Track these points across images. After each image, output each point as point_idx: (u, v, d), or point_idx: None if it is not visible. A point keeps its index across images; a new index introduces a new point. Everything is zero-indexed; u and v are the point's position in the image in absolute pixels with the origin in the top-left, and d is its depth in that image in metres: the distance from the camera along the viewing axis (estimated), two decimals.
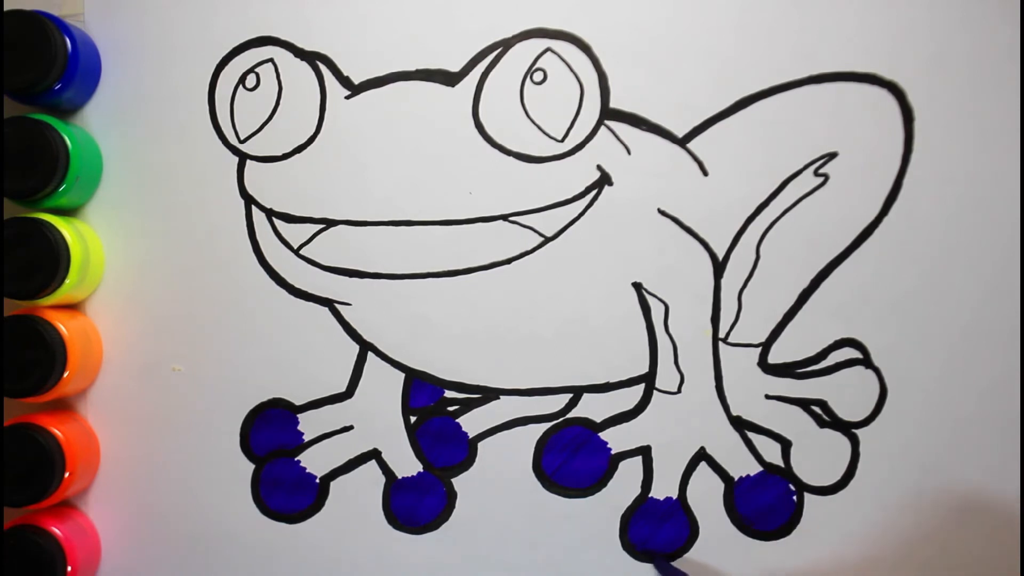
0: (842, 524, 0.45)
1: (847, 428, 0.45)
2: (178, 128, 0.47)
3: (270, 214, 0.47)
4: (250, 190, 0.47)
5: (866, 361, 0.45)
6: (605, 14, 0.44)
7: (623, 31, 0.44)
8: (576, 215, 0.45)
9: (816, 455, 0.45)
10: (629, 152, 0.45)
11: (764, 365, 0.45)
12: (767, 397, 0.45)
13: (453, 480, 0.47)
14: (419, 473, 0.47)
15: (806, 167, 0.44)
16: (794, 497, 0.45)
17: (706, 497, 0.46)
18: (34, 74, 0.44)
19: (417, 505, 0.47)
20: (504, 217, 0.45)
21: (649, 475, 0.46)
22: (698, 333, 0.45)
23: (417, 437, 0.47)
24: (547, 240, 0.45)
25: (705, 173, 0.45)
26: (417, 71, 0.46)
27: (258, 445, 0.48)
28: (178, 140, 0.47)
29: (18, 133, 0.44)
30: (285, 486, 0.47)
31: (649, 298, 0.45)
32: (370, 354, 0.47)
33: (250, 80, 0.46)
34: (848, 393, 0.45)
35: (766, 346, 0.45)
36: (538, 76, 0.45)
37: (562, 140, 0.45)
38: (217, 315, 0.47)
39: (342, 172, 0.46)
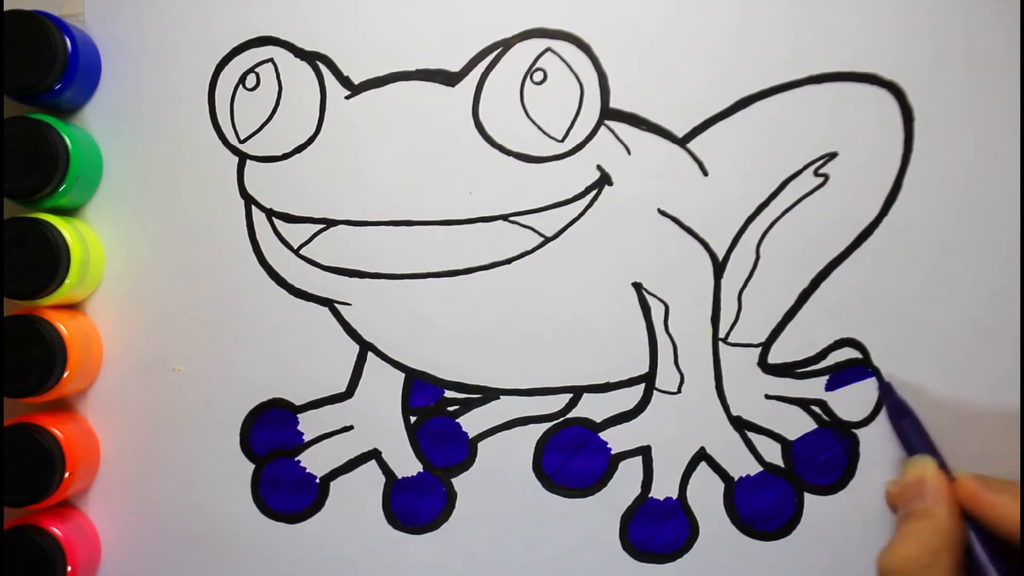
0: (842, 524, 0.45)
1: (847, 428, 0.45)
2: (178, 128, 0.47)
3: (270, 214, 0.47)
4: (250, 190, 0.47)
5: (866, 361, 0.45)
6: (605, 14, 0.44)
7: (623, 31, 0.44)
8: (576, 215, 0.45)
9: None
10: (629, 152, 0.45)
11: (764, 365, 0.45)
12: (767, 397, 0.45)
13: (453, 480, 0.47)
14: (419, 473, 0.47)
15: (806, 167, 0.44)
16: (794, 497, 0.45)
17: (706, 497, 0.46)
18: (34, 74, 0.44)
19: (417, 505, 0.47)
20: (504, 217, 0.45)
21: (649, 475, 0.46)
22: (698, 333, 0.45)
23: (417, 437, 0.47)
24: (547, 240, 0.45)
25: (705, 173, 0.45)
26: (417, 71, 0.46)
27: (258, 445, 0.48)
28: (178, 140, 0.47)
29: (18, 133, 0.44)
30: (285, 486, 0.47)
31: (649, 298, 0.45)
32: (370, 354, 0.47)
33: (250, 80, 0.46)
34: (848, 393, 0.45)
35: (766, 346, 0.45)
36: (538, 76, 0.45)
37: (562, 140, 0.45)
38: (217, 315, 0.47)
39: (342, 172, 0.46)
